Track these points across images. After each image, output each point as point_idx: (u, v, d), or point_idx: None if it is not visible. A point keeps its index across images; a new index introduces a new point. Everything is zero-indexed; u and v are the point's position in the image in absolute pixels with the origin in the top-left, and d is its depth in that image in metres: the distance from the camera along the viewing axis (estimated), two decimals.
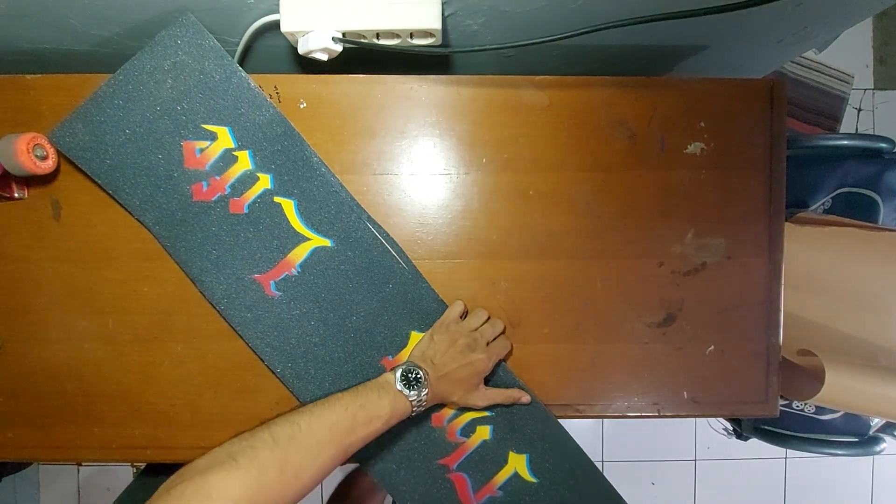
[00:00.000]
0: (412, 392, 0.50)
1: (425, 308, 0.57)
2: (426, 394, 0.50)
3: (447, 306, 0.58)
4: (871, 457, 1.43)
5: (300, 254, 0.56)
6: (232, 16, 0.55)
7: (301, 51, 0.52)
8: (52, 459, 0.58)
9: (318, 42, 0.51)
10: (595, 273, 0.60)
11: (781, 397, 0.62)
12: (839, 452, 0.79)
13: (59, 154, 0.55)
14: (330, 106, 0.57)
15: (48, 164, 0.53)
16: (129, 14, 0.53)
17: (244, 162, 0.56)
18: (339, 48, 0.52)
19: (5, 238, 0.57)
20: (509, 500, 0.58)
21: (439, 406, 0.57)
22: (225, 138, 0.55)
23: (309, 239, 0.56)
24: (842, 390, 0.62)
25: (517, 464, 0.58)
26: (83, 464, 1.34)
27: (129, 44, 0.59)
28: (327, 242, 0.56)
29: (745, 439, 0.88)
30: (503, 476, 0.58)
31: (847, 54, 1.41)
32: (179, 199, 0.55)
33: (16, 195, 0.56)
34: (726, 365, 0.61)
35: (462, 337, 0.54)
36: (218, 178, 0.55)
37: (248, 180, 0.56)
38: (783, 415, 0.79)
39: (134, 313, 0.57)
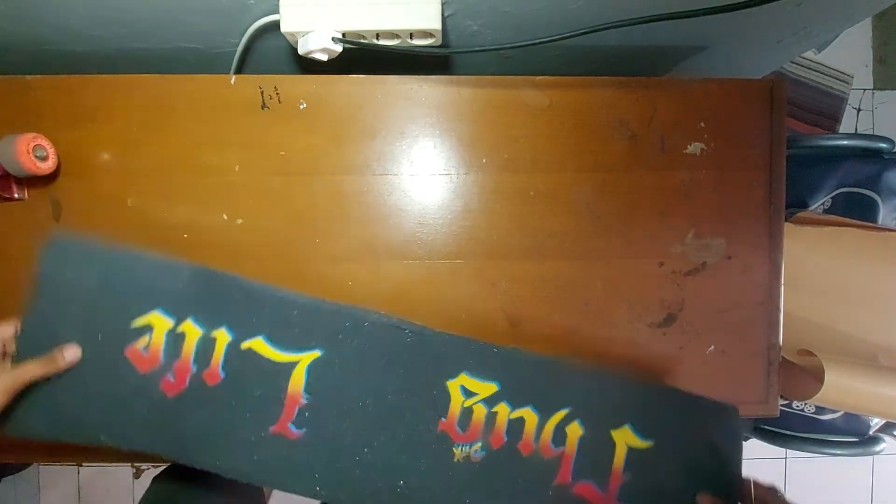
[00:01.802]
0: None
1: (448, 354, 0.52)
2: None
3: (467, 340, 0.52)
4: (871, 457, 1.43)
5: (299, 380, 0.51)
6: (232, 16, 0.55)
7: (301, 51, 0.52)
8: (52, 460, 0.57)
9: (318, 42, 0.51)
10: (595, 273, 0.60)
11: (781, 397, 0.62)
12: (839, 452, 0.79)
13: (59, 155, 0.55)
14: (330, 106, 0.57)
15: (48, 165, 0.53)
16: (129, 15, 0.53)
17: (192, 331, 0.51)
18: (339, 48, 0.52)
19: (5, 238, 0.57)
20: (642, 476, 0.53)
21: (518, 433, 0.52)
22: (160, 322, 0.50)
23: (297, 361, 0.51)
24: (841, 390, 0.62)
25: (625, 438, 0.53)
26: (83, 464, 1.34)
27: (130, 44, 0.59)
28: (317, 353, 0.51)
29: (746, 439, 0.88)
30: (620, 458, 0.53)
31: (847, 54, 1.41)
32: (158, 405, 0.50)
33: (16, 195, 0.56)
34: (726, 365, 0.61)
35: None
36: (178, 361, 0.50)
37: (207, 345, 0.51)
38: (783, 415, 0.79)
39: None
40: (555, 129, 0.59)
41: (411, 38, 0.53)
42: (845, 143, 0.82)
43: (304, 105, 0.57)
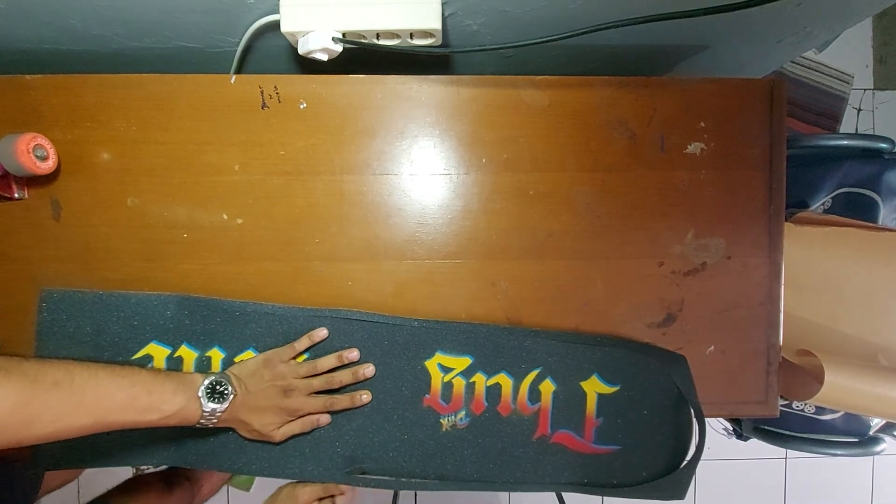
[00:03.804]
0: (210, 404, 0.46)
1: (421, 337, 0.57)
2: (222, 413, 0.47)
3: (434, 322, 0.57)
4: (871, 457, 1.43)
5: None
6: (232, 16, 0.55)
7: (301, 51, 0.52)
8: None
9: (318, 42, 0.51)
10: (595, 273, 0.60)
11: (781, 397, 0.62)
12: (839, 452, 0.79)
13: (59, 154, 0.55)
14: (330, 106, 0.57)
15: (48, 165, 0.53)
16: (130, 14, 0.53)
17: (188, 354, 0.56)
18: (339, 48, 0.52)
19: (5, 238, 0.57)
20: (614, 418, 0.58)
21: (497, 397, 0.57)
22: (158, 351, 0.55)
23: None
24: (841, 390, 0.62)
25: (594, 387, 0.58)
26: None
27: (129, 44, 0.59)
28: (304, 356, 0.56)
29: (745, 439, 0.88)
30: (592, 405, 0.58)
31: (847, 54, 1.41)
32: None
33: (16, 195, 0.56)
34: (726, 365, 0.61)
35: (284, 380, 0.52)
36: None
37: (204, 364, 0.56)
38: (783, 415, 0.79)
39: None
40: (555, 129, 0.59)
41: (411, 37, 0.53)
42: (845, 143, 0.82)
43: (305, 105, 0.57)
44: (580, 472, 0.57)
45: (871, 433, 0.81)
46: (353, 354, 0.55)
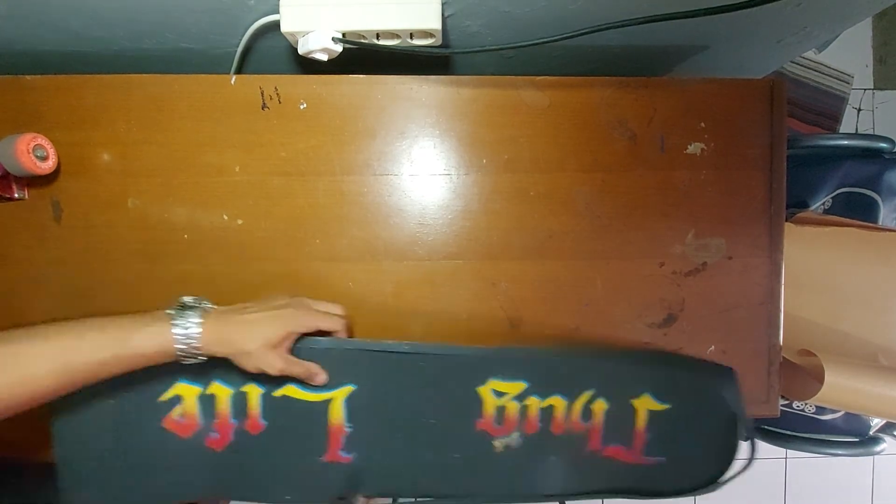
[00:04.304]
0: (179, 323, 0.41)
1: (473, 365, 0.55)
2: (198, 331, 0.41)
3: (487, 350, 0.55)
4: (871, 457, 1.43)
5: (338, 413, 0.54)
6: (232, 16, 0.55)
7: (301, 51, 0.52)
8: (52, 460, 0.57)
9: (318, 42, 0.51)
10: (595, 273, 0.60)
11: (782, 397, 0.62)
12: (839, 452, 0.79)
13: (59, 155, 0.55)
14: (330, 106, 0.57)
15: (48, 165, 0.53)
16: (130, 15, 0.53)
17: (222, 390, 0.53)
18: (339, 48, 0.52)
19: (6, 239, 0.57)
20: (663, 432, 0.58)
21: (550, 418, 0.56)
22: (187, 390, 0.52)
23: (331, 398, 0.53)
24: (841, 390, 0.62)
25: (645, 405, 0.57)
26: None
27: (130, 45, 0.59)
28: (351, 388, 0.54)
29: (746, 439, 0.88)
30: (642, 421, 0.58)
31: (847, 54, 1.41)
32: (209, 460, 0.53)
33: (16, 196, 0.56)
34: (727, 365, 0.61)
35: (283, 298, 0.48)
36: (217, 419, 0.53)
37: (241, 400, 0.53)
38: (783, 415, 0.79)
39: None
40: (555, 129, 0.59)
41: (411, 38, 0.53)
42: (845, 143, 0.82)
43: (305, 105, 0.57)
44: (628, 480, 0.58)
45: (871, 433, 0.81)
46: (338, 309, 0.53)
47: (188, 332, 0.41)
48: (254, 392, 0.53)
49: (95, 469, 0.52)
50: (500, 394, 0.56)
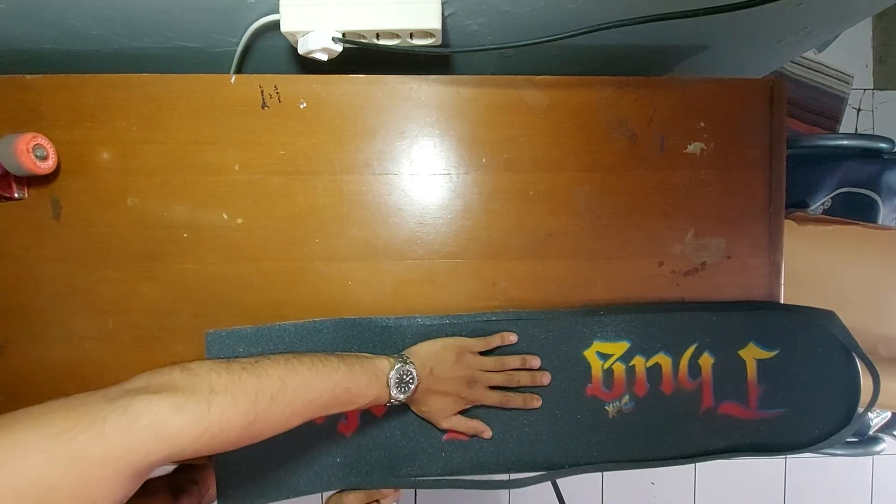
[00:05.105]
0: (398, 394, 0.49)
1: (576, 328, 0.57)
2: (405, 398, 0.50)
3: (587, 310, 0.58)
4: (871, 457, 1.43)
5: None
6: (232, 16, 0.55)
7: (301, 51, 0.52)
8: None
9: (318, 42, 0.51)
10: (595, 273, 0.60)
11: None
12: (839, 452, 0.79)
13: (59, 154, 0.55)
14: (330, 106, 0.57)
15: (48, 165, 0.53)
16: (130, 13, 0.53)
17: None
18: (339, 48, 0.52)
19: (5, 238, 0.57)
20: (777, 382, 0.58)
21: (658, 377, 0.57)
22: None
23: None
24: None
25: (752, 354, 0.58)
26: None
27: (130, 44, 0.59)
28: None
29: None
30: (752, 372, 0.58)
31: (847, 54, 1.41)
32: (343, 446, 0.56)
33: (16, 195, 0.56)
34: None
35: (470, 370, 0.54)
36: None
37: None
38: None
39: (134, 313, 0.57)
40: (555, 129, 0.59)
41: (411, 37, 0.53)
42: (845, 143, 0.82)
43: (305, 105, 0.57)
44: (751, 437, 0.58)
45: (871, 433, 0.81)
46: (535, 362, 0.56)
47: (399, 400, 0.49)
48: None
49: (248, 465, 0.54)
50: (605, 356, 0.57)
